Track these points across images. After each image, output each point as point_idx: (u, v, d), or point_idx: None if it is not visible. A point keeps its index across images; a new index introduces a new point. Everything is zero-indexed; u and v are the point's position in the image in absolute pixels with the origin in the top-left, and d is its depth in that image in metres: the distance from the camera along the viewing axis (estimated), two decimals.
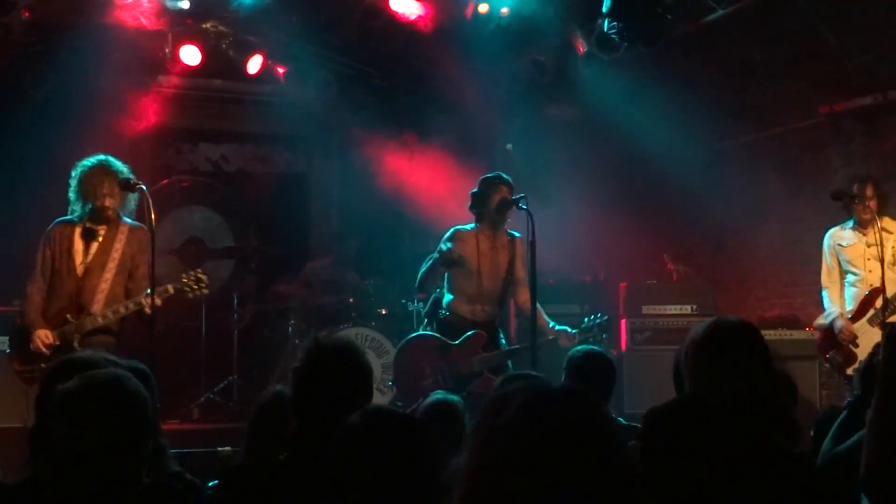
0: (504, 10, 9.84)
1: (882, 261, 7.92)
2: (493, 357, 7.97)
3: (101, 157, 7.19)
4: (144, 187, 6.82)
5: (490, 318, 8.20)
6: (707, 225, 11.46)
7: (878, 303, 7.93)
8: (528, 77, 10.64)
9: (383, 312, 10.53)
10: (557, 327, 7.98)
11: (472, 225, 8.22)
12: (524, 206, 7.56)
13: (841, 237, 8.40)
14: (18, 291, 7.43)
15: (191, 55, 10.37)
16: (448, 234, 8.23)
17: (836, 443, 3.88)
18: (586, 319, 8.10)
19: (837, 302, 8.32)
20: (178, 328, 10.73)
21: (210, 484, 3.81)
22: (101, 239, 7.16)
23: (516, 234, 8.09)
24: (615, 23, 9.17)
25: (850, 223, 8.34)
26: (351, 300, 10.46)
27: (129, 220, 7.21)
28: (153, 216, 6.61)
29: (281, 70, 10.82)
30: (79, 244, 7.13)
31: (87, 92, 9.85)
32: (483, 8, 9.82)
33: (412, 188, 11.04)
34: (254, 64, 10.68)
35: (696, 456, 2.66)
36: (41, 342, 6.96)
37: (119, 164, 7.18)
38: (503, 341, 8.31)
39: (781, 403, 3.37)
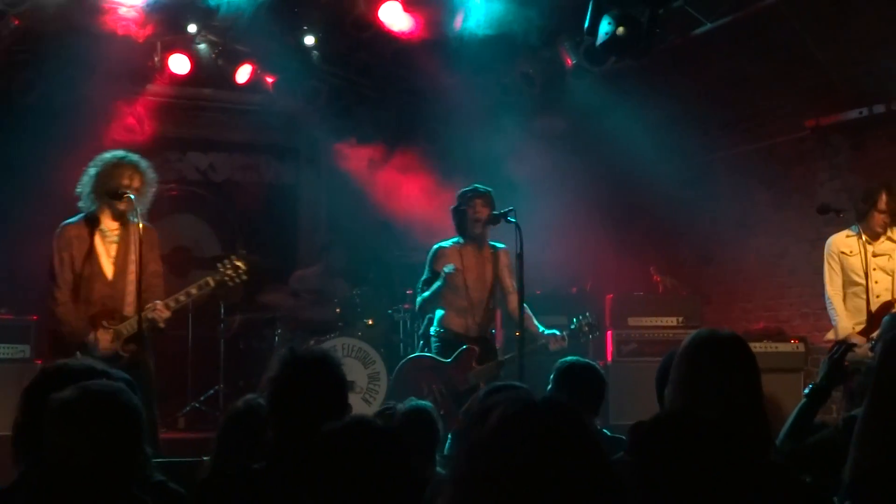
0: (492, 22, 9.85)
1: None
2: (487, 369, 7.99)
3: (123, 151, 7.07)
4: (132, 196, 6.79)
5: (482, 330, 8.24)
6: (693, 237, 11.50)
7: None
8: (516, 89, 10.66)
9: (369, 323, 10.53)
10: (546, 332, 8.03)
11: (455, 239, 8.27)
12: (513, 220, 7.59)
13: (846, 245, 8.09)
14: (44, 303, 7.06)
15: (180, 64, 10.37)
16: (431, 254, 8.33)
17: (793, 432, 3.87)
18: (574, 320, 8.16)
19: (845, 315, 8.06)
20: (164, 337, 10.69)
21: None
22: (118, 239, 6.99)
23: (499, 246, 8.15)
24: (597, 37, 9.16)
25: (856, 230, 8.07)
26: (337, 310, 10.45)
27: (137, 220, 6.97)
28: (140, 226, 6.63)
29: (270, 80, 10.82)
30: (100, 245, 6.90)
31: (76, 100, 9.84)
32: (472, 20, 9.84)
33: (400, 199, 11.05)
34: (243, 73, 10.68)
35: (684, 470, 2.66)
36: (105, 345, 6.76)
37: (142, 160, 7.06)
38: (496, 353, 8.35)
39: (764, 417, 3.37)
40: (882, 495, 2.95)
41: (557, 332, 8.04)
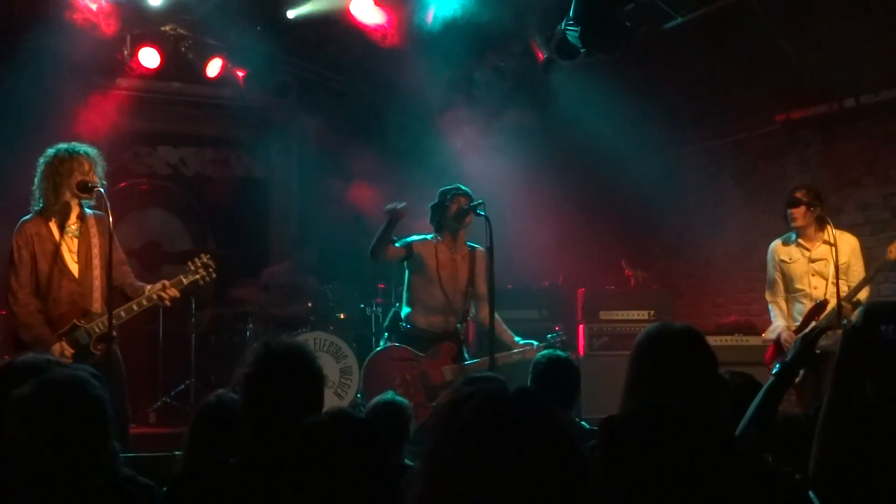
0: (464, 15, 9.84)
1: (835, 273, 7.85)
2: (462, 368, 7.96)
3: (75, 144, 6.89)
4: (102, 189, 6.72)
5: (451, 328, 8.18)
6: (664, 231, 11.54)
7: (822, 316, 7.64)
8: (488, 83, 10.66)
9: (341, 317, 10.53)
10: (523, 341, 8.02)
11: (432, 235, 8.21)
12: (482, 213, 7.58)
13: (785, 253, 8.16)
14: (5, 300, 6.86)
15: (150, 58, 10.31)
16: (409, 238, 8.23)
17: (759, 411, 3.86)
18: (549, 336, 8.15)
19: (783, 316, 8.14)
20: (135, 331, 10.65)
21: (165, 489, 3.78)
22: (78, 233, 6.85)
23: (477, 246, 8.08)
24: (578, 28, 9.17)
25: (794, 237, 8.09)
26: (309, 305, 10.44)
27: (90, 210, 6.94)
28: (111, 219, 6.55)
29: (240, 73, 10.77)
30: (62, 242, 6.75)
31: (45, 93, 9.76)
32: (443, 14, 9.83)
33: (371, 193, 11.03)
34: (213, 67, 10.62)
35: (655, 464, 2.67)
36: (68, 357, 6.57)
37: (94, 150, 6.90)
38: (465, 353, 8.30)
39: (718, 411, 3.37)
40: (844, 489, 2.97)
41: (534, 343, 7.99)
